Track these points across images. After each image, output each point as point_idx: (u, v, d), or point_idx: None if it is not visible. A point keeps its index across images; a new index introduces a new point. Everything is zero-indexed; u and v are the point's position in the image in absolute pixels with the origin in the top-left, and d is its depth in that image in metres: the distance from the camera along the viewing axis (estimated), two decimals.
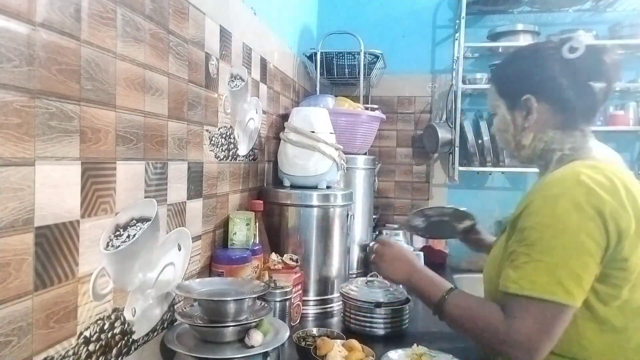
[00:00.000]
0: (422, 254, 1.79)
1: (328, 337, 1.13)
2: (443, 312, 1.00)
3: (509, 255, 0.93)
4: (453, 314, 0.98)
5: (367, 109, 1.97)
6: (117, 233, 0.84)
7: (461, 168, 2.32)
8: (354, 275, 1.76)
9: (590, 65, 1.00)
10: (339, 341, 1.10)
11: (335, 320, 1.43)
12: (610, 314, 0.90)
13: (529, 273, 0.87)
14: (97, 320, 0.80)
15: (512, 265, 0.90)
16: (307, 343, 1.13)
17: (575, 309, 0.87)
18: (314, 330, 1.20)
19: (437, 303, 1.00)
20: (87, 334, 0.77)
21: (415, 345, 1.10)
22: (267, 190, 1.54)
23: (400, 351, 1.10)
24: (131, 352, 0.91)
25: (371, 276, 1.41)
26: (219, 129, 1.27)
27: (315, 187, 1.52)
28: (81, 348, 0.76)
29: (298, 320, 1.37)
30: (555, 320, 0.86)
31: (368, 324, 1.27)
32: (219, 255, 1.23)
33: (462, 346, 1.22)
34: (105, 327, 0.82)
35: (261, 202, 1.40)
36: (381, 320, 1.27)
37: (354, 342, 1.08)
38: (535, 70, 1.02)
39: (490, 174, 2.48)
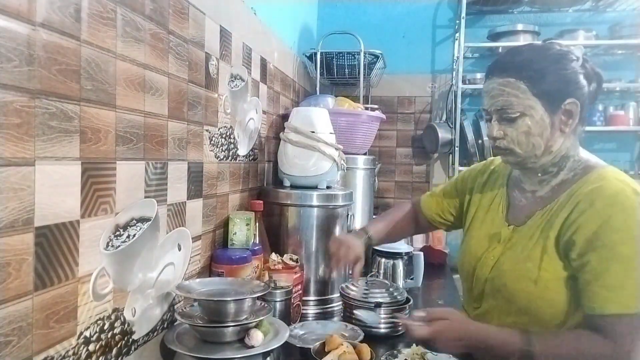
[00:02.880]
0: (421, 253, 1.78)
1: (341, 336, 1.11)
2: None
3: (595, 275, 0.90)
4: None
5: (367, 109, 1.97)
6: (117, 233, 0.84)
7: (461, 168, 2.32)
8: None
9: (589, 73, 1.00)
10: (347, 342, 1.08)
11: (335, 320, 1.43)
12: None
13: (633, 290, 0.87)
14: (97, 320, 0.80)
15: (606, 285, 0.88)
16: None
17: None
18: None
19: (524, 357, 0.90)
20: (87, 334, 0.77)
21: (415, 345, 1.10)
22: (267, 190, 1.54)
23: (400, 351, 1.10)
24: (131, 352, 0.90)
25: (371, 276, 1.41)
26: (219, 129, 1.27)
27: (315, 187, 1.52)
28: (81, 348, 0.76)
29: (298, 320, 1.37)
30: None
31: (368, 324, 1.27)
32: (219, 255, 1.23)
33: None
34: (105, 327, 0.82)
35: (261, 202, 1.39)
36: (381, 320, 1.27)
37: (363, 347, 1.05)
38: (575, 76, 0.98)
39: None
